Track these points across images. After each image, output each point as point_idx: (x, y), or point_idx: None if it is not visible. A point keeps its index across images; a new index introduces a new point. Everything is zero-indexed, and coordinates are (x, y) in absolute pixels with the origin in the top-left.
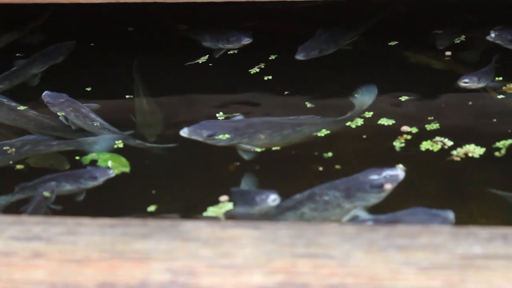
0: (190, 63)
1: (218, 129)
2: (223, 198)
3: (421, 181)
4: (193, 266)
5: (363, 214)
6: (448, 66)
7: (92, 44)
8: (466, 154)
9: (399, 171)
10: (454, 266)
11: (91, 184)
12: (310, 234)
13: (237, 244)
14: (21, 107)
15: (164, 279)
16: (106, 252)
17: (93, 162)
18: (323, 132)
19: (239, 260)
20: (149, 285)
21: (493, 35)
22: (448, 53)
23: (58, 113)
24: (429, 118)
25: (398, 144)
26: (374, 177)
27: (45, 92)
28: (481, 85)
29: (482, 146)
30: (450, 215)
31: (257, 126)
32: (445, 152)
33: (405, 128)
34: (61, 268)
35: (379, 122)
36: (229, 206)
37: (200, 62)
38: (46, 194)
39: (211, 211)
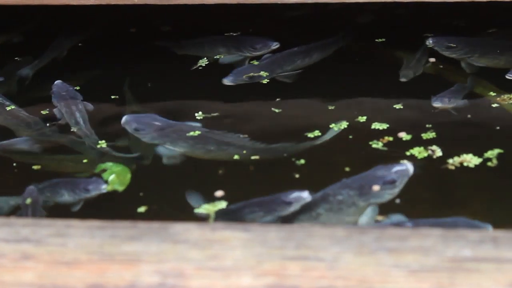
0: (195, 67)
1: (146, 126)
2: (219, 193)
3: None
4: (182, 268)
5: (400, 217)
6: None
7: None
8: (461, 163)
9: (408, 166)
10: (444, 269)
11: (84, 195)
12: (300, 237)
13: (227, 246)
14: (10, 107)
15: (153, 281)
16: (95, 254)
17: (102, 171)
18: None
19: (228, 262)
20: (138, 287)
21: (430, 41)
22: (431, 59)
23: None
24: (427, 125)
25: (378, 145)
26: (384, 173)
27: (56, 82)
28: (452, 105)
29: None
30: (490, 228)
31: (181, 133)
32: (440, 160)
33: (401, 134)
34: (50, 270)
35: (372, 126)
36: (223, 205)
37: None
38: (28, 201)
39: (204, 208)
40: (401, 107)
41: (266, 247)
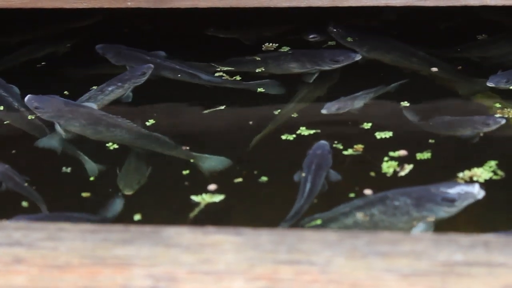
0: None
1: (46, 105)
2: (212, 187)
3: None
4: (174, 272)
5: None
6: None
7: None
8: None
9: (477, 189)
10: (436, 273)
11: None
12: (292, 241)
13: (219, 250)
14: None
15: (145, 285)
16: (87, 258)
17: None
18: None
19: (220, 266)
20: None
21: (332, 29)
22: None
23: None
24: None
25: (350, 152)
26: (448, 190)
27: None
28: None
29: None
30: None
31: (76, 114)
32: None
33: (403, 152)
34: (42, 274)
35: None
36: (220, 197)
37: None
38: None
39: (200, 197)
40: None
41: (258, 251)
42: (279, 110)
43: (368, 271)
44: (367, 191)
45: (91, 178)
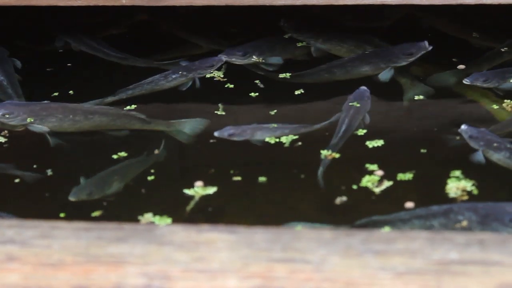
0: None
1: (14, 110)
2: (198, 183)
3: None
4: (168, 270)
5: None
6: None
7: None
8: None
9: None
10: (430, 272)
11: None
12: (287, 239)
13: (213, 248)
14: None
15: (139, 283)
16: (81, 255)
17: None
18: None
19: (214, 264)
20: None
21: (283, 23)
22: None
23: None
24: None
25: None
26: None
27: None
28: None
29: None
30: None
31: (50, 110)
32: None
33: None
34: (35, 272)
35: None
36: (213, 189)
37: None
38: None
39: (193, 190)
40: None
41: (253, 249)
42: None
43: (363, 270)
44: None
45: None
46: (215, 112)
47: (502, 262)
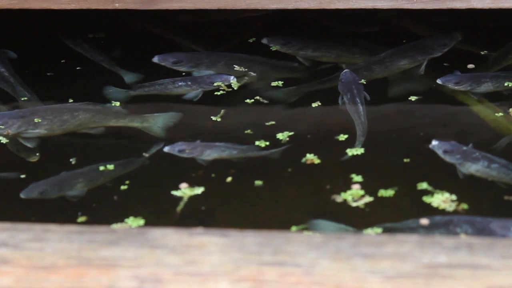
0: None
1: (8, 118)
2: (183, 185)
3: None
4: (159, 274)
5: None
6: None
7: None
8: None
9: None
10: (420, 275)
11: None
12: (277, 242)
13: (204, 252)
14: None
15: (130, 286)
16: (73, 259)
17: None
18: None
19: (206, 267)
20: None
21: (265, 40)
22: None
23: None
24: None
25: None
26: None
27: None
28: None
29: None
30: None
31: (40, 113)
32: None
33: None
34: (28, 275)
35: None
36: (201, 189)
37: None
38: None
39: (181, 192)
40: None
41: (244, 252)
42: None
43: (353, 273)
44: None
45: None
46: (211, 117)
47: (490, 265)
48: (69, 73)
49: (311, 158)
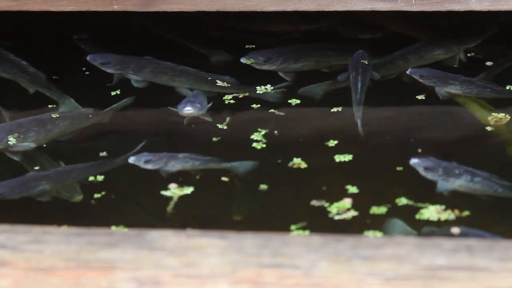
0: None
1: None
2: (172, 185)
3: None
4: (158, 276)
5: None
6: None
7: None
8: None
9: None
10: (419, 277)
11: None
12: (276, 244)
13: (203, 254)
14: None
15: None
16: (72, 261)
17: None
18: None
19: (204, 269)
20: None
21: (244, 59)
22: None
23: None
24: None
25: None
26: None
27: None
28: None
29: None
30: None
31: (26, 126)
32: None
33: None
34: (26, 277)
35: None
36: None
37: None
38: None
39: (171, 191)
40: None
41: (242, 254)
42: None
43: (351, 275)
44: None
45: None
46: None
47: (489, 268)
48: None
49: (298, 162)
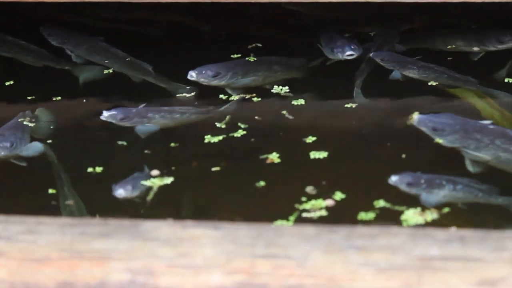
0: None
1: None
2: (154, 172)
3: None
4: (152, 266)
5: None
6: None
7: None
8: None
9: None
10: (412, 268)
11: None
12: (270, 235)
13: (197, 244)
14: None
15: (123, 279)
16: (66, 251)
17: None
18: None
19: (198, 260)
20: (109, 285)
21: (193, 75)
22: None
23: None
24: None
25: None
26: None
27: None
28: None
29: None
30: None
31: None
32: None
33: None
34: (20, 267)
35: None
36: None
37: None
38: None
39: (151, 181)
40: None
41: (236, 245)
42: None
43: (345, 265)
44: None
45: None
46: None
47: (482, 258)
48: None
49: (271, 157)
